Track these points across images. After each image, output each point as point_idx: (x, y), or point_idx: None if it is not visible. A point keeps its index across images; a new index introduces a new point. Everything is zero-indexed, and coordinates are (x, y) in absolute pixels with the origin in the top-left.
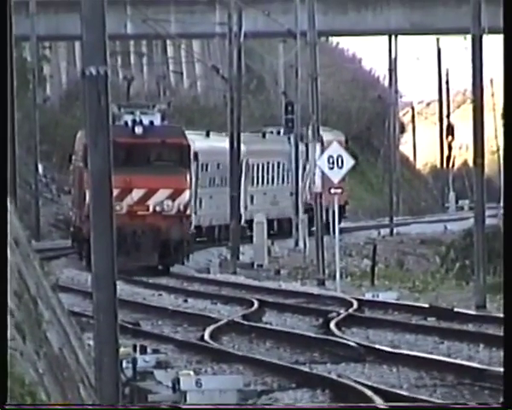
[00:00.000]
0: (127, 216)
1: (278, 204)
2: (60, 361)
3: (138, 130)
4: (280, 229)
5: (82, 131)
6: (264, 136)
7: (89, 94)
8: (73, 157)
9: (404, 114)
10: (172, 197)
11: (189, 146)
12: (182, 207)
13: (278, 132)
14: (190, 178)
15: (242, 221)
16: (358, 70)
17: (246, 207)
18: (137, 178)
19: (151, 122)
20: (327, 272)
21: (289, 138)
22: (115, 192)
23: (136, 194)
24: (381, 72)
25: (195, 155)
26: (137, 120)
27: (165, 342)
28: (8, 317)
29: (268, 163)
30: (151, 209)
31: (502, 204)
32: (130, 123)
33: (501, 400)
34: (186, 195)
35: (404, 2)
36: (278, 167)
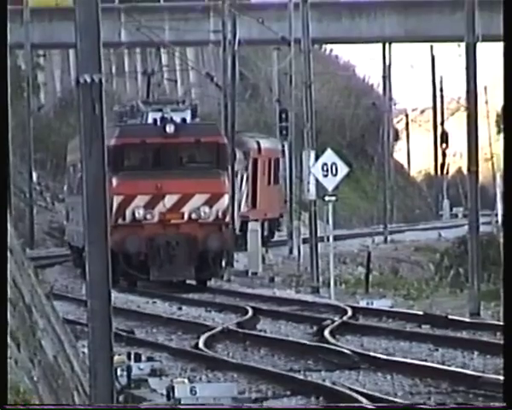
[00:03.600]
0: (159, 225)
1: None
2: (54, 369)
3: (170, 128)
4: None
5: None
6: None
7: (83, 102)
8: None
9: (398, 122)
10: (210, 203)
11: (226, 145)
12: (220, 214)
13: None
14: (229, 181)
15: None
16: (352, 77)
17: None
18: (170, 183)
19: (183, 120)
20: (321, 279)
21: (283, 146)
22: (146, 199)
23: (169, 200)
24: (375, 79)
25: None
26: (168, 117)
27: (160, 349)
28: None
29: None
30: (186, 217)
31: (498, 211)
32: (159, 121)
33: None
34: (225, 200)
35: (399, 9)
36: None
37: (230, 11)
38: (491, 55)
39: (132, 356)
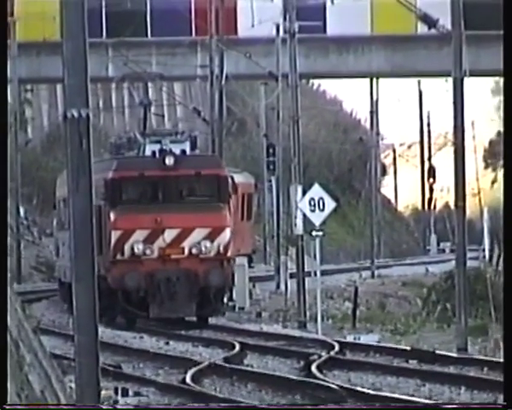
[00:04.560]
0: (159, 261)
1: None
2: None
3: (169, 161)
4: None
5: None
6: None
7: (70, 136)
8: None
9: (385, 157)
10: (211, 237)
11: (227, 177)
12: (222, 249)
13: None
14: (230, 215)
15: None
16: (340, 112)
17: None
18: (170, 217)
19: (183, 151)
20: (308, 314)
21: (270, 181)
22: (145, 234)
23: (169, 235)
24: (363, 114)
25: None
26: (167, 149)
27: (147, 384)
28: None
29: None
30: (186, 252)
31: (486, 246)
32: (158, 153)
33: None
34: (226, 234)
35: (386, 44)
36: None
37: (218, 46)
38: (478, 90)
39: (119, 391)
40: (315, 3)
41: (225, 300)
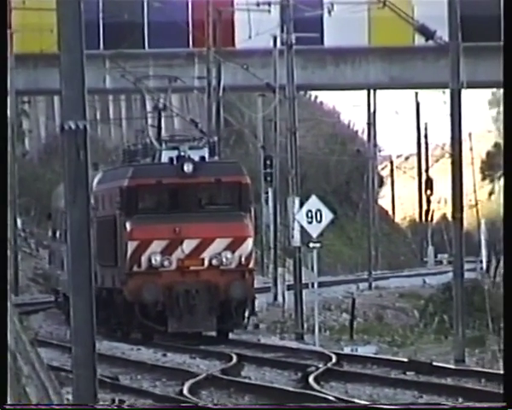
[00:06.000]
0: (178, 273)
1: None
2: None
3: (188, 167)
4: None
5: (100, 173)
6: None
7: (68, 148)
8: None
9: (382, 168)
10: (232, 248)
11: (248, 185)
12: (243, 260)
13: None
14: (252, 224)
15: None
16: (337, 124)
17: None
18: (189, 227)
19: (202, 158)
20: (306, 326)
21: (268, 192)
22: (163, 244)
23: (188, 245)
24: (360, 125)
25: None
26: (185, 155)
27: (144, 396)
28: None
29: None
30: (206, 263)
31: (483, 258)
32: (175, 160)
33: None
34: (248, 244)
35: (383, 56)
36: None
37: (215, 57)
38: (475, 101)
39: (117, 402)
40: (312, 15)
41: (247, 313)
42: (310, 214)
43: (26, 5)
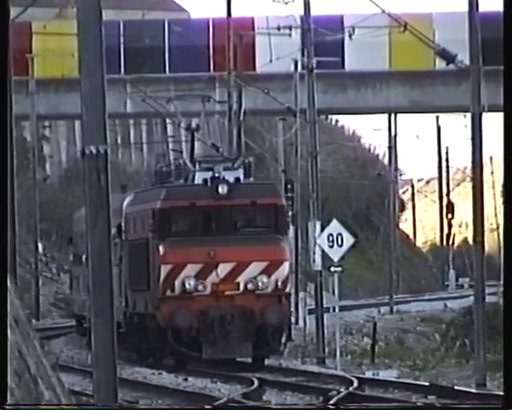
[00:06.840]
0: (212, 297)
1: None
2: None
3: (222, 189)
4: None
5: (131, 194)
6: None
7: (88, 173)
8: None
9: (403, 192)
10: (268, 272)
11: (284, 207)
12: (280, 284)
13: None
14: (289, 247)
15: None
16: (358, 148)
17: None
18: (223, 250)
19: (237, 179)
20: (327, 350)
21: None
22: (197, 268)
23: (223, 269)
24: (381, 149)
25: None
26: (220, 177)
27: None
28: (14, 388)
29: None
30: (242, 288)
31: (502, 280)
32: (209, 181)
33: None
34: (285, 268)
35: (404, 80)
36: None
37: (236, 82)
38: (496, 125)
39: None
40: (333, 39)
41: (283, 339)
42: (331, 238)
43: (47, 30)
